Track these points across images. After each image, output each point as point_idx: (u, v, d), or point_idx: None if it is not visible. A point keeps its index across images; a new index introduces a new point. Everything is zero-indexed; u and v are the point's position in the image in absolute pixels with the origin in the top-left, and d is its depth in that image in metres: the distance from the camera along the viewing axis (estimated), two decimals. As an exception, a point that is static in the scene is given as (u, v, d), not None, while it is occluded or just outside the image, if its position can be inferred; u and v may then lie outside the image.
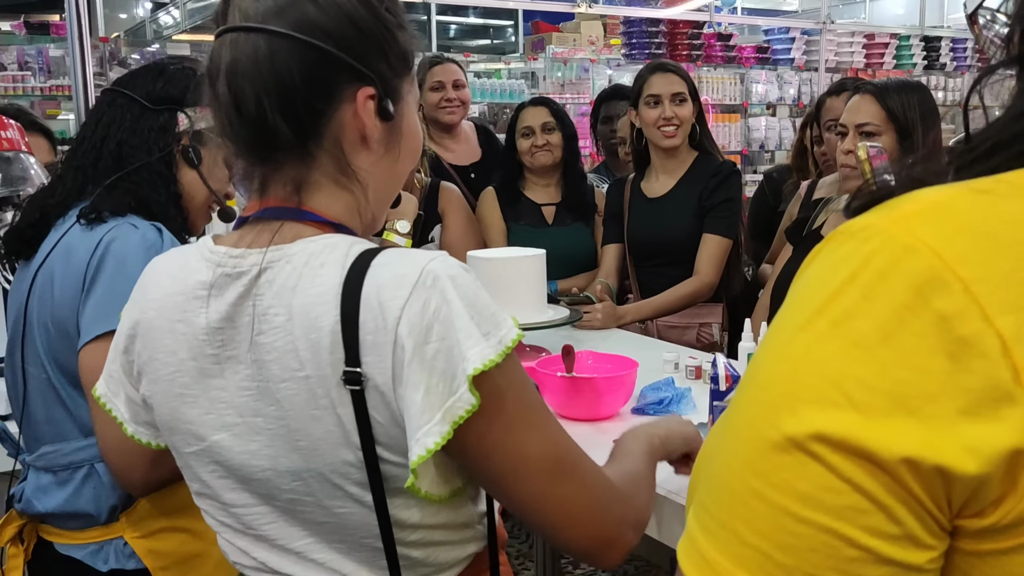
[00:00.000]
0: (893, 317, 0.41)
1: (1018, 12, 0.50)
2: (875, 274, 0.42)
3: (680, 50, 5.83)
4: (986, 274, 0.41)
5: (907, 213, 0.44)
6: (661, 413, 1.58)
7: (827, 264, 0.45)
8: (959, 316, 0.40)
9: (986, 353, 0.39)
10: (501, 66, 6.07)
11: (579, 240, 2.64)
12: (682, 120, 2.41)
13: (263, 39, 0.81)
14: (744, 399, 0.46)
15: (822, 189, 2.53)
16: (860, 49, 6.48)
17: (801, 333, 0.43)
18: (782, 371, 0.44)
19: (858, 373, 0.41)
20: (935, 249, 0.41)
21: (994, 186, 0.44)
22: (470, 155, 3.15)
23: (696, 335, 2.48)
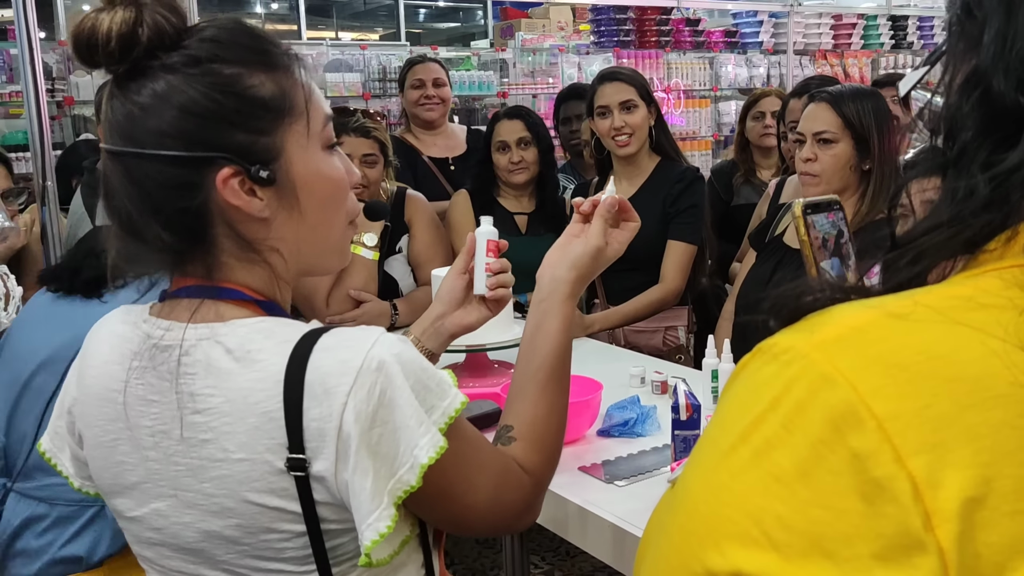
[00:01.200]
0: (811, 453, 0.41)
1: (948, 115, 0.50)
2: (795, 404, 0.43)
3: (649, 36, 5.81)
4: (900, 410, 0.41)
5: (827, 338, 0.44)
6: (627, 435, 1.59)
7: (751, 385, 0.46)
8: (872, 456, 0.40)
9: (897, 498, 0.39)
10: (469, 54, 6.01)
11: None
12: (633, 128, 2.41)
13: (117, 160, 0.81)
14: (672, 523, 0.46)
15: (788, 191, 2.54)
16: (828, 31, 6.48)
17: (725, 461, 0.44)
18: (707, 501, 0.44)
19: (777, 510, 0.41)
20: (851, 381, 0.42)
21: (912, 309, 0.44)
22: (451, 149, 3.19)
23: (663, 339, 2.50)
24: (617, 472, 1.43)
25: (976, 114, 0.47)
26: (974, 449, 0.40)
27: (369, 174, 2.38)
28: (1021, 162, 0.45)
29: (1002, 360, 0.41)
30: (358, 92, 5.03)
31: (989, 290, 0.45)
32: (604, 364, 2.00)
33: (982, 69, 0.47)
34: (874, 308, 0.46)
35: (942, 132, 0.50)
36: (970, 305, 0.44)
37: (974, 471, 0.40)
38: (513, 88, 5.56)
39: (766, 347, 0.46)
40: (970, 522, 0.39)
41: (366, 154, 2.37)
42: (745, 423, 0.44)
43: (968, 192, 0.46)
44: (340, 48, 5.48)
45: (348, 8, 11.27)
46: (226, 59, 0.81)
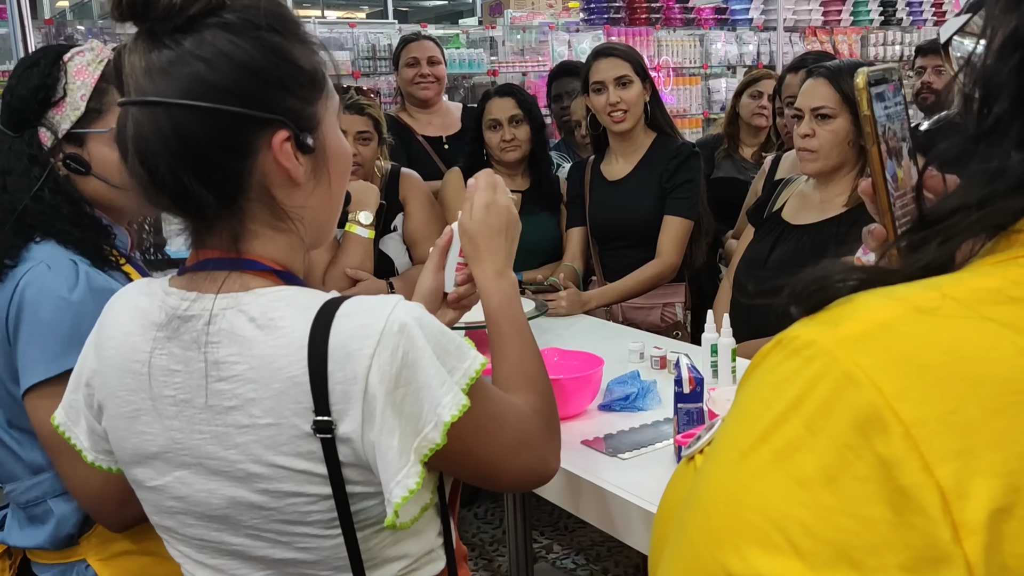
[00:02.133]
0: (837, 457, 0.40)
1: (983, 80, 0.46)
2: (819, 405, 0.41)
3: (639, 13, 5.78)
4: (926, 415, 0.39)
5: (851, 334, 0.42)
6: (628, 409, 1.60)
7: (772, 380, 0.44)
8: (900, 464, 0.39)
9: (926, 509, 0.38)
10: (459, 32, 5.97)
11: (546, 229, 2.64)
12: (629, 103, 2.40)
13: (161, 111, 0.79)
14: (691, 522, 0.45)
15: (784, 166, 2.54)
16: (818, 7, 6.46)
17: (745, 460, 0.43)
18: (726, 501, 0.43)
19: (801, 516, 0.40)
20: (876, 382, 0.40)
21: (940, 303, 0.42)
22: (446, 128, 3.18)
23: (660, 315, 2.51)
24: (619, 445, 1.44)
25: (1013, 82, 0.44)
26: (1002, 456, 0.38)
27: (363, 151, 2.36)
28: None
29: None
30: (348, 70, 4.99)
31: (1019, 281, 0.42)
32: (603, 340, 2.01)
33: (1022, 32, 0.44)
34: (900, 301, 0.43)
35: (976, 99, 0.46)
36: (999, 298, 0.42)
37: (1002, 480, 0.38)
38: (503, 66, 5.52)
39: (787, 339, 0.45)
40: (998, 533, 0.38)
41: (360, 131, 2.36)
42: (766, 422, 0.42)
43: (1000, 170, 0.44)
44: (328, 26, 5.43)
45: (334, -14, 11.17)
46: (275, 28, 0.82)
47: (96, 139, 1.25)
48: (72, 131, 1.23)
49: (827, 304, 0.45)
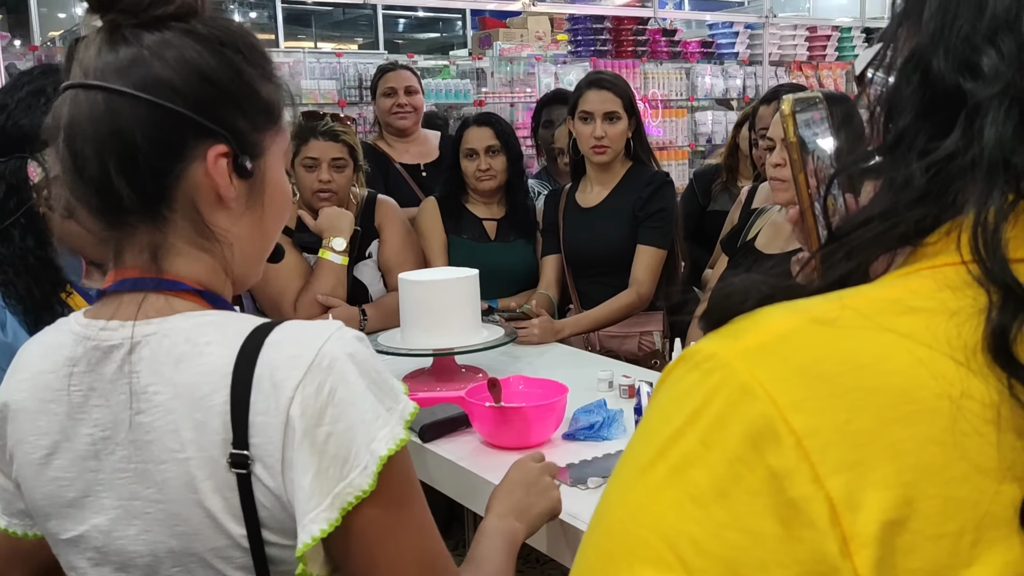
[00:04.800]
0: (728, 471, 0.39)
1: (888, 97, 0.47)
2: (714, 418, 0.40)
3: (625, 46, 5.84)
4: (820, 426, 0.38)
5: (750, 346, 0.42)
6: (593, 439, 1.57)
7: (673, 395, 0.44)
8: (790, 476, 0.38)
9: (814, 522, 0.37)
10: (447, 63, 6.01)
11: (522, 256, 2.63)
12: (612, 140, 2.41)
13: (102, 97, 0.76)
14: (590, 541, 0.44)
15: (760, 196, 2.54)
16: (803, 42, 6.54)
17: (643, 477, 0.42)
18: (622, 520, 0.42)
19: (691, 532, 0.39)
20: (771, 393, 0.39)
21: (838, 315, 0.42)
22: (424, 156, 3.18)
23: (638, 343, 2.49)
24: (582, 475, 1.42)
25: (915, 97, 0.45)
26: (896, 467, 0.38)
27: (336, 178, 2.35)
28: (957, 149, 0.42)
29: (929, 370, 0.39)
30: (333, 100, 5.02)
31: (920, 291, 0.42)
32: (573, 368, 1.99)
33: (922, 48, 0.44)
34: (800, 313, 0.43)
35: (881, 117, 0.47)
36: (899, 308, 0.41)
37: (896, 491, 0.37)
38: (490, 97, 5.56)
39: (690, 354, 0.44)
40: (890, 547, 0.37)
41: (335, 158, 2.35)
42: (664, 437, 0.42)
43: (904, 182, 0.44)
44: (317, 56, 5.46)
45: (327, 18, 11.26)
46: (241, 51, 0.81)
47: None
48: None
49: (731, 319, 0.44)
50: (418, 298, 1.86)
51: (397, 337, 1.92)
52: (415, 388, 1.83)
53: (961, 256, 0.41)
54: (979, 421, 0.38)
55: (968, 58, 0.42)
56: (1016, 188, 0.41)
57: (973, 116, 0.42)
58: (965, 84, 0.42)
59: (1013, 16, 0.42)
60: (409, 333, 1.88)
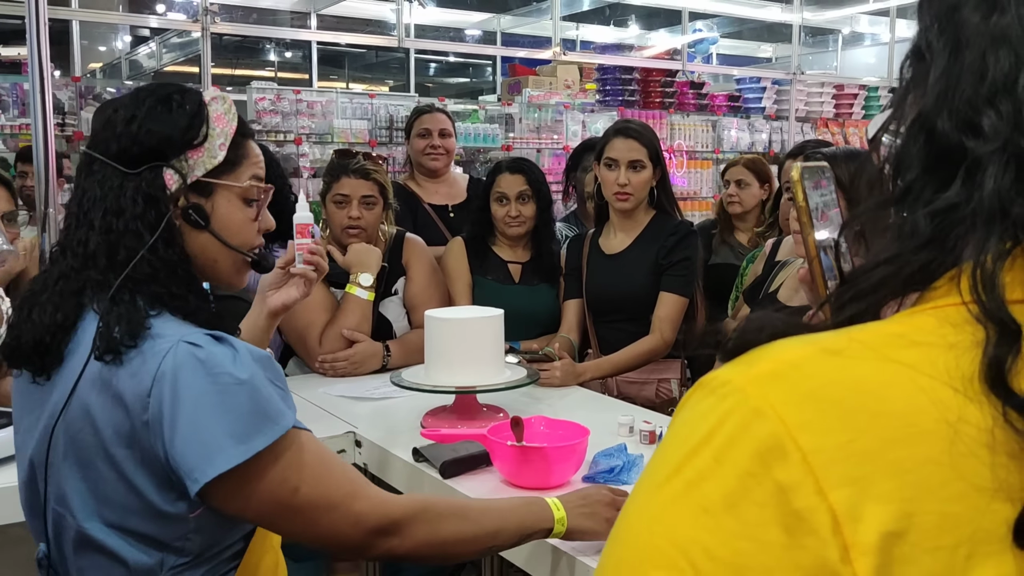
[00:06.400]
0: (738, 484, 0.42)
1: (897, 155, 0.51)
2: (727, 436, 0.44)
3: (653, 97, 5.92)
4: (825, 444, 0.41)
5: (763, 373, 0.45)
6: (612, 482, 1.57)
7: (690, 418, 0.47)
8: (795, 488, 0.41)
9: (817, 530, 0.40)
10: (477, 108, 6.11)
11: (544, 300, 2.65)
12: (636, 188, 2.44)
13: None
14: (609, 554, 0.47)
15: (784, 249, 2.56)
16: (830, 99, 6.60)
17: (659, 492, 0.45)
18: (640, 532, 0.45)
19: (704, 541, 0.42)
20: (781, 415, 0.43)
21: (846, 346, 0.45)
22: (453, 197, 3.23)
23: (655, 390, 2.50)
24: (600, 518, 1.42)
25: (921, 153, 0.48)
26: (897, 484, 0.41)
27: (366, 215, 2.40)
28: (959, 200, 0.46)
29: (929, 397, 0.42)
30: (364, 139, 5.11)
31: (923, 328, 0.45)
32: (593, 413, 2.00)
33: (927, 110, 0.48)
34: (810, 344, 0.47)
35: (891, 172, 0.51)
36: (903, 342, 0.45)
37: (896, 506, 0.40)
38: (518, 142, 5.64)
39: (706, 381, 0.47)
40: (889, 556, 0.40)
41: (365, 195, 2.40)
42: (681, 455, 0.45)
43: (911, 230, 0.47)
44: (349, 96, 5.58)
45: (360, 60, 11.49)
46: None
47: (225, 192, 1.15)
48: (203, 179, 1.12)
49: (747, 350, 0.48)
50: (443, 335, 1.89)
51: (421, 373, 1.94)
52: (436, 424, 1.85)
53: (962, 297, 0.44)
54: (975, 444, 0.41)
55: (970, 118, 0.46)
56: (1013, 236, 0.44)
57: (974, 170, 0.45)
58: (967, 142, 0.46)
59: (1011, 82, 0.46)
60: (433, 370, 1.90)
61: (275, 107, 5.02)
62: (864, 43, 9.43)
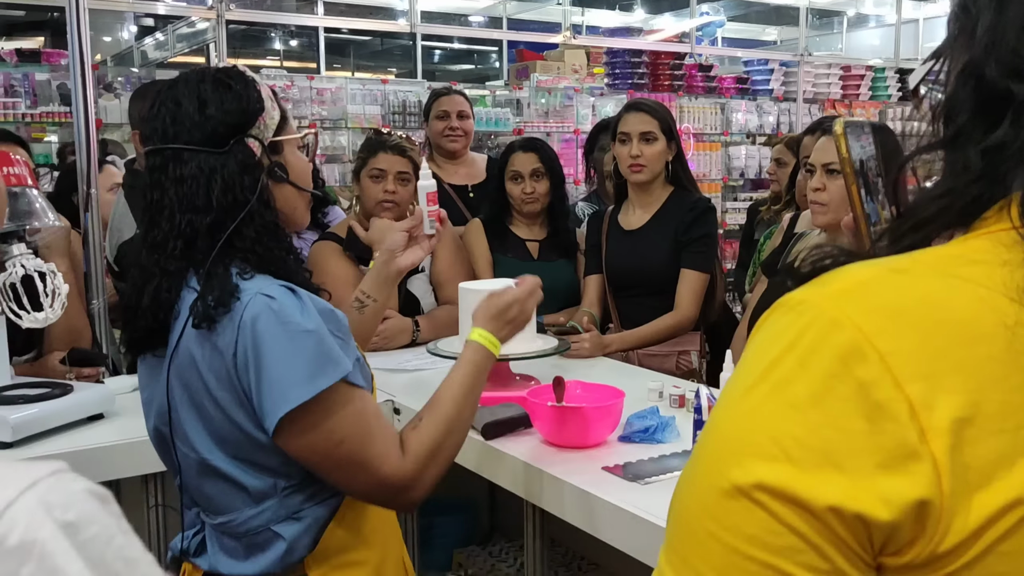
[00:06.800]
0: (822, 384, 0.48)
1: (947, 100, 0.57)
2: (808, 345, 0.50)
3: (662, 80, 5.95)
4: (899, 347, 0.48)
5: (837, 290, 0.52)
6: (647, 441, 1.64)
7: (771, 333, 0.53)
8: (875, 383, 0.47)
9: (897, 416, 0.47)
10: (485, 93, 6.15)
11: (563, 275, 2.72)
12: (649, 159, 2.49)
13: None
14: (701, 451, 0.53)
15: (803, 222, 2.61)
16: (837, 81, 6.63)
17: (748, 395, 0.51)
18: (732, 428, 0.51)
19: (793, 431, 0.48)
20: (857, 324, 0.49)
21: (910, 266, 0.52)
22: (472, 177, 3.28)
23: (675, 363, 2.56)
24: (639, 472, 1.48)
25: (971, 100, 0.54)
26: (963, 378, 0.47)
27: (401, 191, 2.46)
28: (1007, 138, 0.52)
29: (988, 305, 0.49)
30: (378, 124, 5.15)
31: (979, 249, 0.52)
32: (623, 379, 2.05)
33: (976, 60, 0.54)
34: (878, 266, 0.53)
35: (942, 117, 0.57)
36: (962, 261, 0.51)
37: (963, 396, 0.47)
38: (528, 126, 5.68)
39: (783, 301, 0.53)
40: (960, 438, 0.46)
41: (400, 171, 2.46)
42: (765, 364, 0.51)
43: (963, 166, 0.54)
44: (361, 82, 5.62)
45: (365, 48, 11.51)
46: None
47: (289, 145, 1.27)
48: (273, 139, 1.23)
49: (816, 276, 0.54)
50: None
51: (456, 343, 1.99)
52: (472, 392, 1.91)
53: (1012, 222, 0.51)
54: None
55: (1016, 66, 0.52)
56: None
57: (1020, 112, 0.52)
58: (1014, 87, 0.52)
59: None
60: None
61: (286, 94, 5.06)
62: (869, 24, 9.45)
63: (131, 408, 1.89)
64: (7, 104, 4.35)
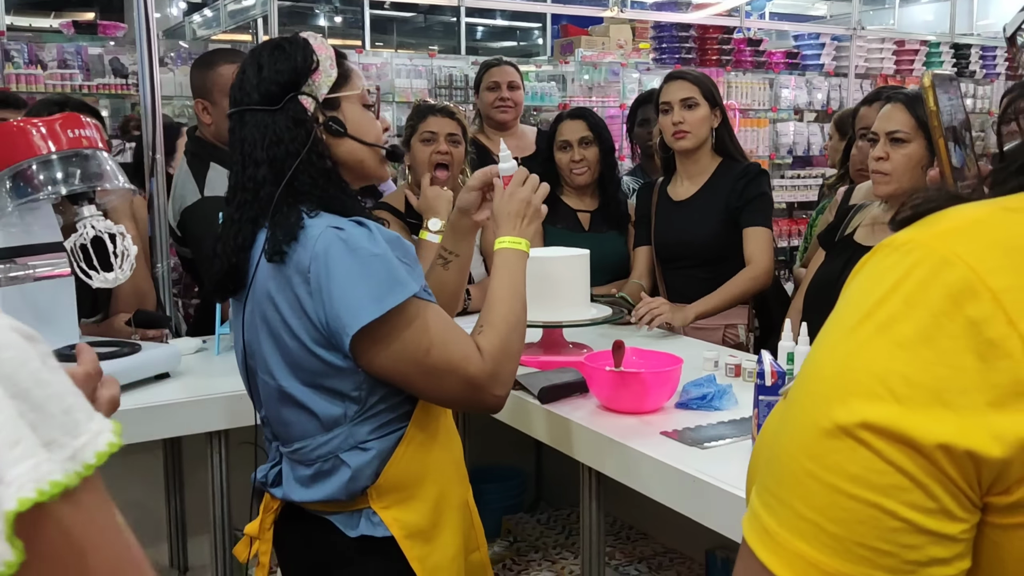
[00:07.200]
0: (932, 322, 0.47)
1: None
2: (916, 283, 0.48)
3: (710, 55, 5.87)
4: (1013, 284, 0.47)
5: (946, 229, 0.50)
6: (705, 408, 1.64)
7: (874, 273, 0.52)
8: (987, 321, 0.46)
9: (1011, 353, 0.45)
10: (531, 68, 6.13)
11: (614, 247, 2.70)
12: (692, 125, 2.46)
13: None
14: (800, 392, 0.52)
15: (858, 195, 2.58)
16: (890, 56, 6.49)
17: (851, 335, 0.50)
18: (834, 368, 0.50)
19: (900, 370, 0.47)
20: (968, 263, 0.48)
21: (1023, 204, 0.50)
22: (521, 150, 3.28)
23: (722, 336, 2.53)
24: (699, 437, 1.49)
25: None
26: None
27: (454, 152, 2.48)
28: None
29: None
30: (425, 97, 5.17)
31: None
32: (678, 349, 2.05)
33: None
34: (989, 205, 0.52)
35: None
36: None
37: None
38: (573, 101, 5.65)
39: (887, 242, 0.52)
40: None
41: (450, 133, 2.48)
42: (870, 303, 0.50)
43: None
44: (408, 57, 5.63)
45: (408, 24, 11.50)
46: None
47: (349, 101, 1.34)
48: (329, 96, 1.32)
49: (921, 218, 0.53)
50: (533, 273, 1.95)
51: (510, 310, 2.01)
52: (527, 359, 1.92)
53: None
54: None
55: None
56: None
57: None
58: None
59: None
60: (522, 306, 1.97)
61: (334, 68, 5.09)
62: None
63: (196, 368, 1.94)
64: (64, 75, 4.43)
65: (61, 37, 5.04)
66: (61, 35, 5.08)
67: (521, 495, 2.61)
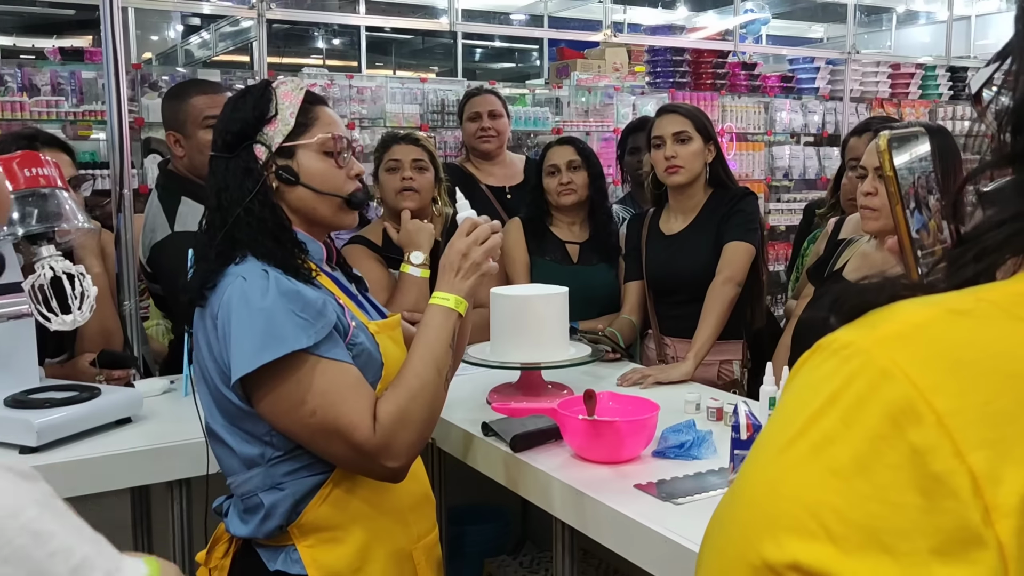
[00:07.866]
0: (869, 447, 0.41)
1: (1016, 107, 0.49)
2: (854, 399, 0.42)
3: (704, 79, 5.84)
4: (960, 406, 0.40)
5: (887, 334, 0.44)
6: (682, 457, 1.58)
7: (811, 381, 0.45)
8: (932, 451, 0.40)
9: (957, 493, 0.39)
10: (525, 91, 6.09)
11: (603, 280, 2.64)
12: (684, 160, 2.41)
13: None
14: (729, 515, 0.46)
15: (847, 228, 2.52)
16: (885, 79, 6.46)
17: (783, 455, 0.44)
18: (764, 493, 0.44)
19: (834, 503, 0.41)
20: (911, 377, 0.41)
21: (974, 306, 0.44)
22: (509, 178, 3.23)
23: (717, 372, 2.48)
24: (673, 491, 1.42)
25: None
26: None
27: (418, 178, 2.43)
28: None
29: None
30: (416, 123, 5.13)
31: None
32: (660, 391, 2.00)
33: None
34: (936, 305, 0.45)
35: (1008, 127, 0.49)
36: None
37: None
38: (567, 125, 5.62)
39: (826, 343, 0.46)
40: None
41: (415, 159, 2.45)
42: (804, 418, 0.44)
43: None
44: (400, 81, 5.61)
45: (406, 46, 11.52)
46: None
47: (304, 150, 1.36)
48: (284, 144, 1.34)
49: (864, 313, 0.47)
50: (509, 312, 1.90)
51: (487, 350, 1.95)
52: (502, 401, 1.86)
53: None
54: None
55: None
56: None
57: None
58: None
59: None
60: (498, 346, 1.91)
61: (326, 93, 5.06)
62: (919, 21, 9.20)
63: (160, 412, 1.88)
64: (50, 103, 4.40)
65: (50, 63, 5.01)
66: (49, 61, 5.05)
67: (505, 536, 2.54)
